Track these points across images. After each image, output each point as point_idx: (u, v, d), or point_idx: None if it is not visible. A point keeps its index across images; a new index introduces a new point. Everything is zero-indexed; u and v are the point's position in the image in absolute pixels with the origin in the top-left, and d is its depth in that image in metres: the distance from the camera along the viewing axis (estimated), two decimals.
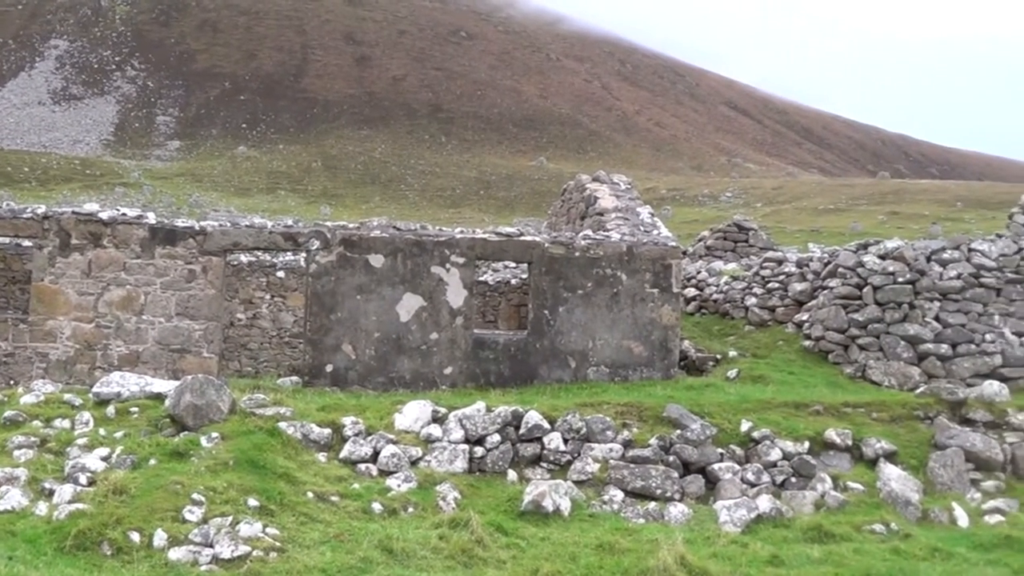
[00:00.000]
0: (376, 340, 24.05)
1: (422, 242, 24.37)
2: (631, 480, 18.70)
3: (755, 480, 19.29)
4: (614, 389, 23.54)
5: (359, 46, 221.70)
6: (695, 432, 19.71)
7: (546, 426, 19.54)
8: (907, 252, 27.24)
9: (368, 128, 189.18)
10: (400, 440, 18.83)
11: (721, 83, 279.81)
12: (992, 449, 20.83)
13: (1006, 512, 19.07)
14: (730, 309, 31.81)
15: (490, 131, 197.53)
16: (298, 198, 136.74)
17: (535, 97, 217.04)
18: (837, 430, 20.62)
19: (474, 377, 24.46)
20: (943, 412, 21.91)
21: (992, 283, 27.16)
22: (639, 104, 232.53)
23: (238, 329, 35.95)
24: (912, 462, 20.37)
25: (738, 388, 24.03)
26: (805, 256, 31.62)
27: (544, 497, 17.15)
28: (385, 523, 15.90)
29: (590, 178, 32.30)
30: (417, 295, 24.20)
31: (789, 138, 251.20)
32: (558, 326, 25.03)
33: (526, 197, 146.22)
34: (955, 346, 26.39)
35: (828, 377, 25.95)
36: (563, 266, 25.07)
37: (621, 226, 27.44)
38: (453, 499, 17.24)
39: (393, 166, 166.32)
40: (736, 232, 39.73)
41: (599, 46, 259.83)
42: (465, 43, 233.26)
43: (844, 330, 27.14)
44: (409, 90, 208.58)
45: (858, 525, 17.58)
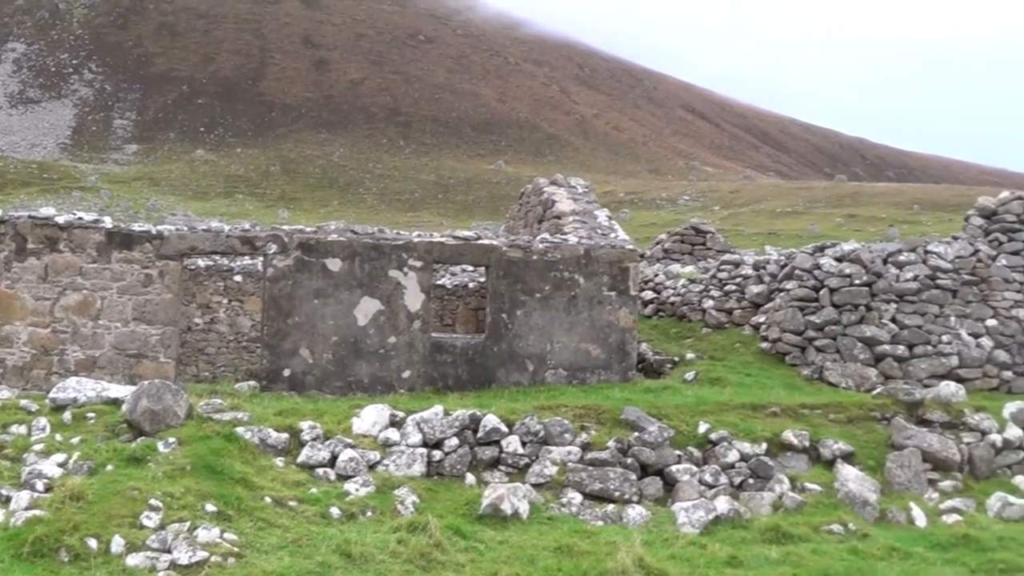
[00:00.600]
0: (334, 344, 24.02)
1: (380, 246, 24.35)
2: (589, 483, 18.74)
3: (713, 482, 19.35)
4: (572, 392, 23.59)
5: (317, 49, 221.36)
6: (653, 434, 19.76)
7: (504, 429, 19.54)
8: (863, 254, 27.38)
9: (326, 132, 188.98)
10: (358, 444, 18.79)
11: (679, 87, 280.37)
12: (949, 449, 20.96)
13: (963, 512, 19.23)
14: (687, 312, 31.89)
15: (448, 135, 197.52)
16: (256, 202, 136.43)
17: (493, 101, 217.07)
18: (794, 431, 20.71)
19: (432, 381, 24.45)
20: (900, 413, 22.04)
21: (948, 285, 27.34)
22: (597, 108, 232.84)
23: (195, 334, 35.84)
24: (869, 463, 20.48)
25: (696, 390, 24.10)
26: (762, 259, 31.71)
27: (502, 500, 17.17)
28: (343, 528, 15.89)
29: (548, 182, 32.33)
30: (375, 299, 24.16)
31: (747, 141, 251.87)
32: (516, 329, 25.04)
33: (484, 201, 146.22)
34: (912, 347, 26.56)
35: (785, 379, 26.05)
36: (521, 269, 25.09)
37: (579, 229, 27.48)
38: (411, 503, 17.24)
39: (351, 170, 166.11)
40: (693, 235, 39.80)
41: (557, 50, 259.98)
42: (424, 47, 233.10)
43: (801, 332, 27.25)
44: (367, 94, 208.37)
45: (816, 526, 17.67)
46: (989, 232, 29.29)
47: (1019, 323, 27.88)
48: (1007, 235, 29.02)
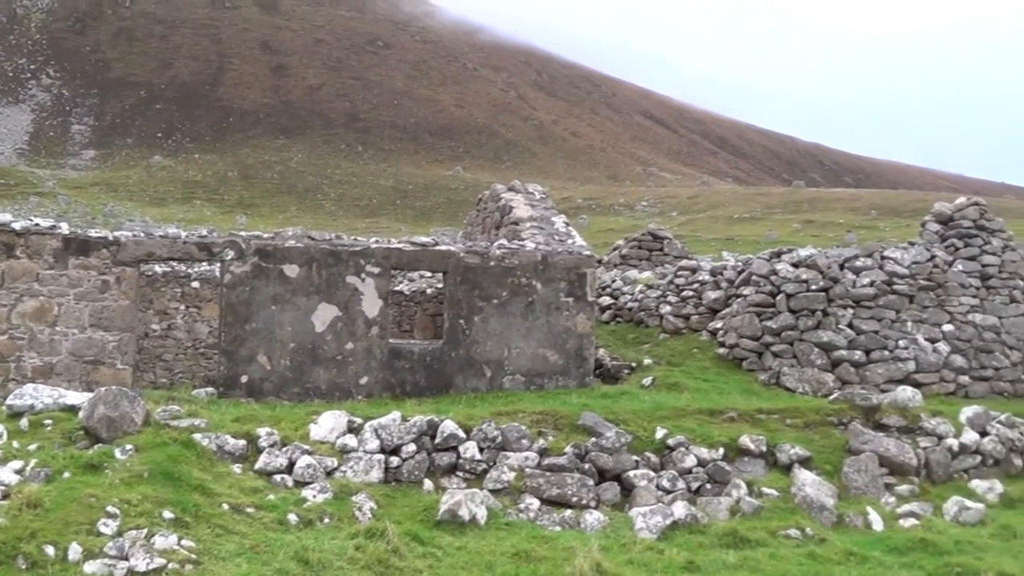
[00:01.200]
0: (291, 350, 23.96)
1: (337, 252, 24.30)
2: (547, 488, 18.73)
3: (670, 487, 19.37)
4: (530, 398, 23.60)
5: (275, 55, 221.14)
6: (610, 440, 19.78)
7: (462, 435, 19.51)
8: (820, 260, 27.49)
9: (284, 137, 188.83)
10: (315, 451, 18.73)
11: (637, 93, 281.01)
12: (906, 454, 21.07)
13: (920, 516, 19.28)
14: (645, 317, 31.93)
15: (407, 140, 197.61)
16: (214, 208, 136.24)
17: (452, 107, 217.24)
18: (751, 436, 20.77)
19: (390, 387, 24.41)
20: (857, 418, 22.14)
21: (905, 290, 27.49)
22: (555, 114, 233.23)
23: (153, 340, 35.74)
24: (827, 467, 20.54)
25: (653, 396, 24.16)
26: (719, 264, 31.81)
27: (460, 506, 17.14)
28: (301, 534, 15.81)
29: (505, 188, 32.36)
30: (332, 305, 24.12)
31: (705, 147, 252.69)
32: (473, 335, 25.05)
33: (443, 206, 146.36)
34: (868, 352, 26.68)
35: (742, 384, 26.14)
36: (478, 275, 25.10)
37: (536, 235, 27.50)
38: (369, 509, 17.18)
39: (310, 175, 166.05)
40: (651, 241, 39.90)
41: (516, 56, 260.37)
42: (382, 52, 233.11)
43: (758, 337, 27.35)
44: (326, 99, 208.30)
45: (773, 530, 17.67)
46: (945, 238, 29.45)
47: (975, 328, 28.05)
48: (963, 241, 29.19)
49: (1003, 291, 28.98)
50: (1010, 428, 22.86)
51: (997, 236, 29.71)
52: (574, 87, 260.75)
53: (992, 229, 29.75)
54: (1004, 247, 29.59)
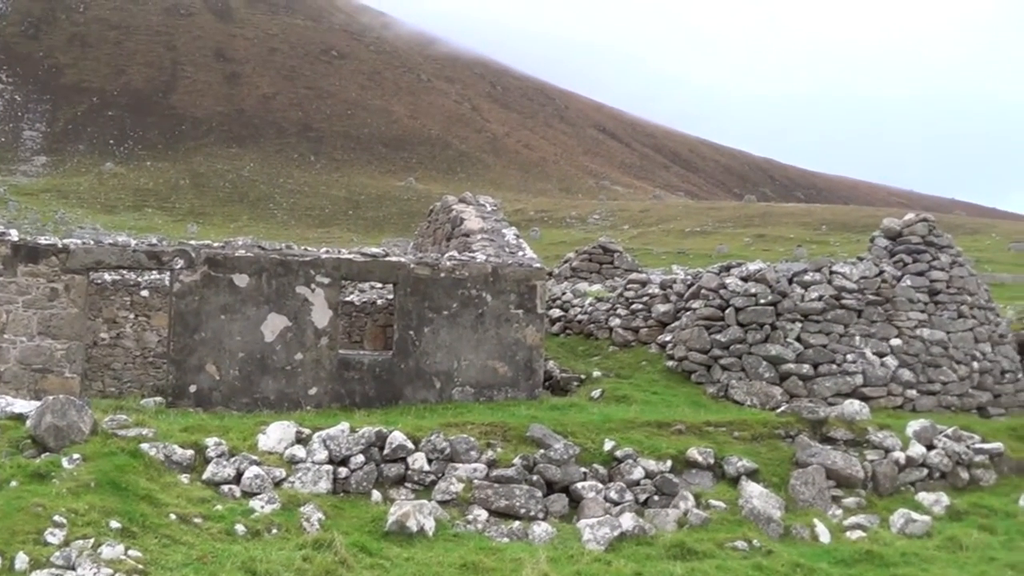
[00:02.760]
0: (240, 360, 23.86)
1: (287, 262, 24.24)
2: (495, 499, 18.77)
3: (618, 498, 19.43)
4: (479, 409, 23.59)
5: (229, 63, 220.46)
6: (559, 452, 19.83)
7: (410, 446, 19.52)
8: (769, 274, 27.62)
9: (237, 146, 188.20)
10: (264, 461, 18.70)
11: (590, 106, 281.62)
12: (853, 467, 21.21)
13: (867, 528, 19.43)
14: (595, 330, 31.98)
15: (360, 151, 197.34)
16: (165, 216, 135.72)
17: (405, 118, 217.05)
18: (699, 448, 20.87)
19: (339, 397, 24.35)
20: (804, 431, 22.29)
21: (853, 305, 27.63)
22: (509, 126, 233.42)
23: (101, 349, 35.53)
24: (774, 480, 20.66)
25: (602, 408, 24.23)
26: (669, 278, 31.88)
27: (408, 517, 17.15)
28: (248, 545, 15.78)
29: (457, 199, 32.36)
30: (282, 315, 24.02)
31: (657, 161, 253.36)
32: (423, 347, 25.03)
33: (395, 217, 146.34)
34: (816, 366, 26.79)
35: (691, 397, 26.21)
36: (429, 287, 25.08)
37: (487, 247, 27.52)
38: (317, 520, 17.16)
39: (262, 185, 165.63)
40: (601, 254, 39.99)
41: (470, 68, 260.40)
42: (336, 62, 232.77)
43: (707, 350, 27.44)
44: (279, 108, 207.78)
45: (721, 542, 17.76)
46: (894, 253, 29.62)
47: (923, 343, 28.21)
48: (912, 256, 29.36)
49: (951, 306, 29.16)
50: (956, 442, 23.03)
51: (945, 252, 29.91)
52: (528, 99, 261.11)
53: (940, 245, 29.95)
54: (952, 263, 29.79)
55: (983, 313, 29.96)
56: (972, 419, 26.73)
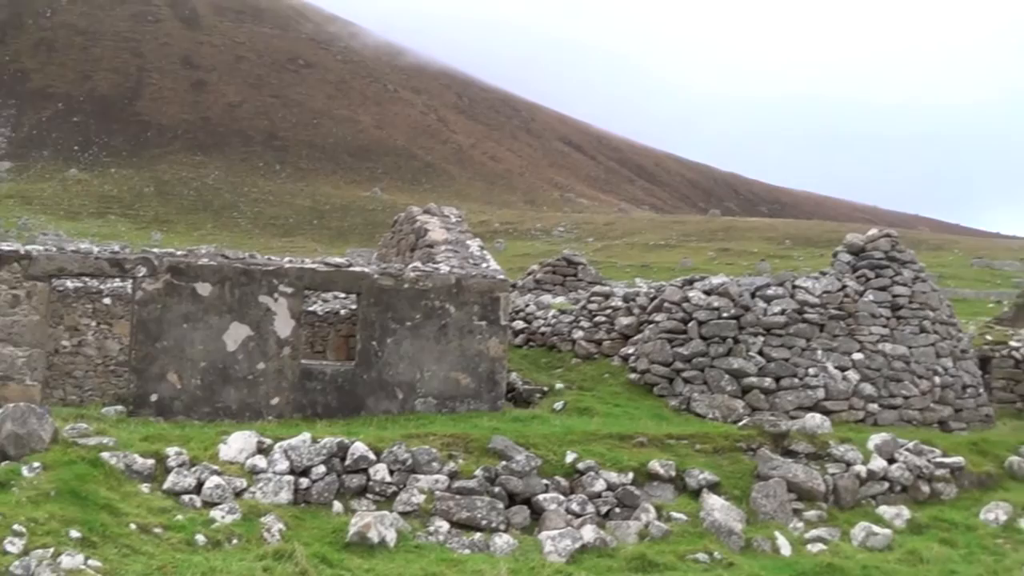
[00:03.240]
0: (202, 369, 23.72)
1: (250, 271, 24.13)
2: (457, 511, 18.74)
3: (580, 510, 19.41)
4: (441, 420, 23.54)
5: (196, 70, 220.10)
6: (520, 463, 19.82)
7: (372, 457, 19.48)
8: (732, 288, 27.70)
9: (202, 154, 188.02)
10: (225, 471, 18.62)
11: (556, 118, 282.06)
12: (814, 480, 21.26)
13: (828, 541, 19.46)
14: (557, 342, 32.01)
15: (325, 160, 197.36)
16: (129, 223, 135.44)
17: (371, 127, 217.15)
18: (661, 461, 20.88)
19: (301, 408, 24.24)
20: (766, 444, 22.34)
21: (815, 319, 27.74)
22: (474, 137, 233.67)
23: (63, 356, 35.39)
24: (735, 492, 20.69)
25: (564, 420, 24.23)
26: (632, 291, 31.95)
27: (369, 528, 17.12)
28: (209, 555, 15.71)
29: (421, 210, 32.31)
30: (244, 324, 23.90)
31: (622, 175, 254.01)
32: (386, 357, 24.95)
33: (360, 227, 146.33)
34: (779, 380, 26.88)
35: (653, 409, 26.24)
36: (392, 297, 25.01)
37: (451, 258, 27.47)
38: (278, 530, 17.10)
39: (226, 193, 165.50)
40: (565, 266, 40.03)
41: (437, 78, 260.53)
42: (303, 71, 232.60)
43: (669, 363, 27.49)
44: (245, 116, 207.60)
45: (682, 554, 17.79)
46: (857, 268, 29.75)
47: (885, 357, 28.33)
48: (874, 271, 29.49)
49: (913, 321, 29.30)
50: (918, 455, 23.11)
51: (908, 267, 30.05)
52: (494, 111, 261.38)
53: (903, 260, 30.09)
54: (915, 278, 29.93)
55: (945, 328, 30.12)
56: (933, 433, 26.84)
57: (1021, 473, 24.19)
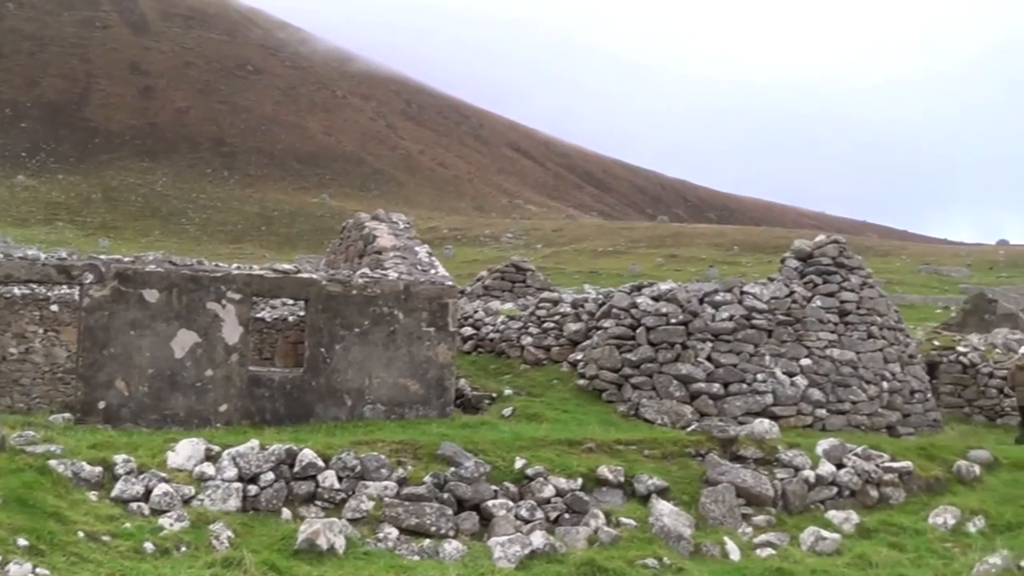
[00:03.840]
0: (150, 376, 23.59)
1: (198, 278, 24.03)
2: (406, 518, 18.70)
3: (529, 516, 19.41)
4: (390, 427, 23.49)
5: (144, 76, 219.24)
6: (469, 470, 19.82)
7: (321, 464, 19.42)
8: (680, 294, 27.80)
9: (150, 160, 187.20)
10: (173, 478, 18.53)
11: (505, 125, 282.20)
12: (763, 485, 21.34)
13: (777, 546, 19.52)
14: (506, 348, 32.05)
15: (273, 167, 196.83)
16: (76, 230, 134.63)
17: (320, 134, 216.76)
18: (610, 467, 20.89)
19: (249, 415, 24.13)
20: (714, 449, 22.40)
21: (764, 325, 27.87)
22: (423, 144, 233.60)
23: (10, 364, 35.18)
24: (684, 498, 20.73)
25: (513, 426, 24.23)
26: (580, 297, 32.03)
27: (318, 535, 17.07)
28: (157, 563, 15.62)
29: (369, 216, 32.27)
30: (192, 331, 23.78)
31: (571, 181, 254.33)
32: (335, 364, 24.88)
33: (308, 234, 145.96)
34: (727, 385, 27.01)
35: (602, 415, 26.29)
36: (340, 304, 24.95)
37: (399, 265, 27.46)
38: (226, 538, 17.02)
39: (174, 199, 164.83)
40: (514, 272, 40.10)
41: (385, 85, 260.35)
42: (251, 77, 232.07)
43: (618, 369, 27.57)
44: (193, 123, 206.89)
45: (631, 560, 17.75)
46: (805, 274, 29.89)
47: (833, 363, 28.48)
48: (822, 277, 29.65)
49: (860, 327, 29.48)
50: (866, 460, 23.21)
51: (856, 273, 30.23)
52: (443, 117, 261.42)
53: (851, 266, 30.27)
54: (862, 284, 30.12)
55: (893, 334, 30.31)
56: (882, 438, 27.00)
57: (969, 477, 24.33)
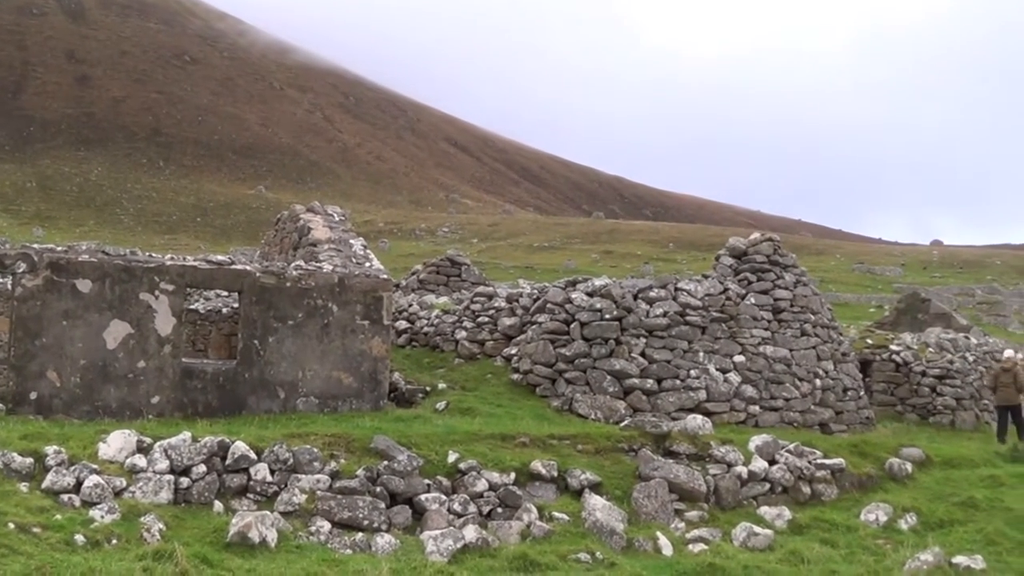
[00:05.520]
0: (82, 367, 23.38)
1: (131, 268, 23.84)
2: (338, 511, 18.67)
3: (462, 511, 19.45)
4: (323, 420, 23.43)
5: (80, 65, 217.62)
6: (402, 463, 19.80)
7: (253, 457, 19.37)
8: (614, 290, 27.85)
9: (86, 150, 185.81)
10: (104, 470, 18.42)
11: (442, 119, 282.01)
12: (695, 480, 21.45)
13: (709, 541, 19.61)
14: (441, 342, 32.05)
15: (210, 158, 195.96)
16: (10, 219, 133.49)
17: (256, 125, 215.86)
18: (543, 461, 20.96)
19: (182, 407, 23.97)
20: (647, 444, 22.51)
21: (697, 321, 27.99)
22: (360, 137, 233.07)
23: None
24: (617, 493, 20.82)
25: (446, 420, 24.23)
26: (515, 291, 32.04)
27: (250, 528, 17.00)
28: (88, 555, 15.50)
29: (304, 208, 32.14)
30: (125, 322, 23.58)
31: (508, 176, 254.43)
32: (268, 356, 24.77)
33: (243, 226, 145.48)
34: (660, 381, 27.10)
35: (535, 410, 26.32)
36: (274, 296, 24.84)
37: (334, 257, 27.35)
38: (158, 530, 16.93)
39: (109, 189, 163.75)
40: (449, 266, 40.11)
41: (323, 77, 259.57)
42: (188, 67, 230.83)
43: (552, 364, 27.59)
44: (129, 112, 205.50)
45: (563, 554, 17.79)
46: (739, 271, 30.06)
47: (766, 359, 28.66)
48: (756, 275, 29.82)
49: (794, 324, 29.67)
50: (798, 457, 23.38)
51: (790, 271, 30.42)
52: (380, 111, 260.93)
53: (785, 264, 30.45)
54: (796, 282, 30.31)
55: (826, 332, 30.55)
56: (814, 435, 27.23)
57: (901, 475, 24.58)
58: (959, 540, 20.52)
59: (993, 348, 41.80)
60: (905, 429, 33.57)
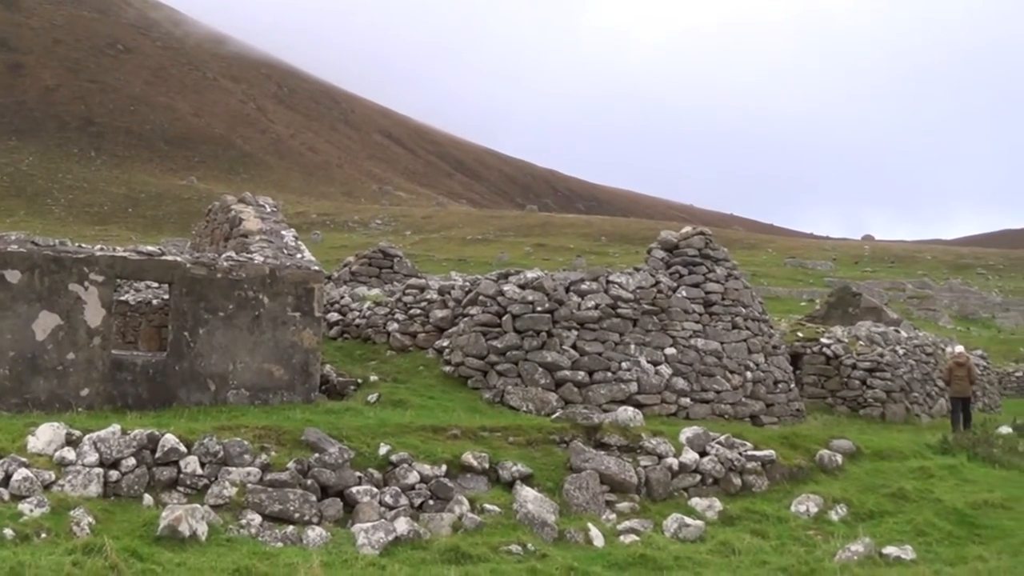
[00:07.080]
0: (10, 359, 23.12)
1: (60, 259, 23.63)
2: (269, 504, 18.61)
3: (393, 503, 19.44)
4: (254, 412, 23.33)
5: (12, 52, 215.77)
6: (333, 456, 19.76)
7: (183, 449, 19.27)
8: (546, 282, 27.89)
9: (16, 139, 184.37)
10: (33, 463, 18.30)
11: (376, 111, 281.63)
12: (626, 472, 21.52)
13: (640, 532, 19.70)
14: (372, 334, 32.01)
15: (141, 147, 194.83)
16: None
17: (189, 115, 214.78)
18: (475, 453, 20.98)
19: (112, 399, 23.77)
20: (579, 436, 22.57)
21: (629, 314, 28.07)
22: (293, 128, 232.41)
23: None
24: (548, 484, 20.86)
25: (378, 412, 24.20)
26: (447, 283, 32.05)
27: (180, 521, 16.92)
28: (17, 549, 15.40)
29: (236, 199, 31.97)
30: (54, 313, 23.35)
31: (441, 169, 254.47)
32: (198, 348, 24.61)
33: (175, 216, 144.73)
34: (592, 373, 27.16)
35: (467, 402, 26.34)
36: (205, 287, 24.68)
37: (265, 249, 27.24)
38: (87, 524, 16.83)
39: (40, 179, 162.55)
40: (381, 258, 40.05)
41: (257, 68, 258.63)
42: (122, 56, 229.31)
43: (484, 356, 27.61)
44: (61, 101, 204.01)
45: (495, 546, 17.83)
46: (671, 265, 30.18)
47: (697, 352, 28.78)
48: (688, 268, 29.94)
49: (725, 317, 29.84)
50: (729, 448, 23.51)
51: (721, 265, 30.58)
52: (314, 102, 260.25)
53: (717, 258, 30.62)
54: (728, 275, 30.47)
55: (757, 325, 30.73)
56: (745, 427, 27.41)
57: (831, 466, 24.78)
58: (889, 531, 20.76)
59: (923, 342, 42.22)
60: (835, 421, 33.84)
